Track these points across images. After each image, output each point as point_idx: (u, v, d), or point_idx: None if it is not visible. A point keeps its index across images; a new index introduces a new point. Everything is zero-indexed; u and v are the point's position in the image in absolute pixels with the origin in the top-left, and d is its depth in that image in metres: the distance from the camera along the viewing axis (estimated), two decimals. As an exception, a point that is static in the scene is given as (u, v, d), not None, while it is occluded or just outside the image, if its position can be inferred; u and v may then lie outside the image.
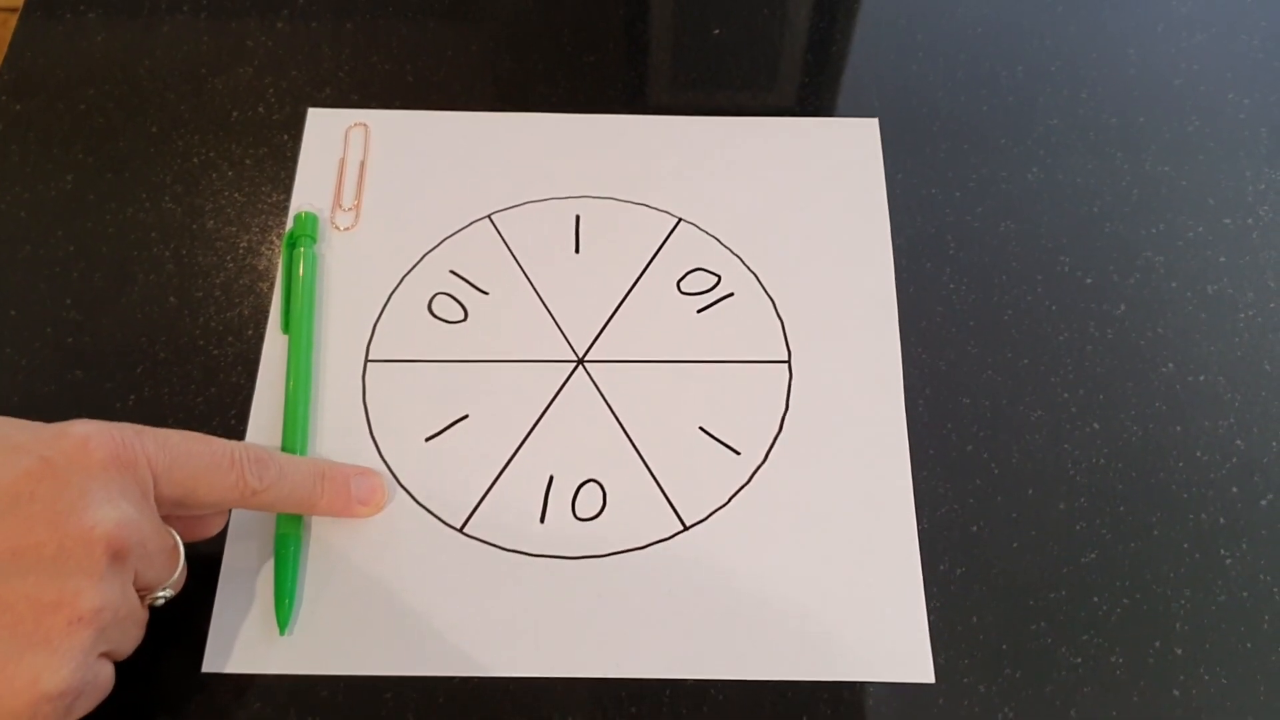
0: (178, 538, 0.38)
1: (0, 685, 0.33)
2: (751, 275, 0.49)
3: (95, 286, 0.49)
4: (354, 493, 0.43)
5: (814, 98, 0.55)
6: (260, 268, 0.50)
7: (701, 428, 0.46)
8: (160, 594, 0.38)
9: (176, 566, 0.38)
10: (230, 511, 0.43)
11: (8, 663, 0.33)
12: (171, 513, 0.38)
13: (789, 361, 0.47)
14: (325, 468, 0.43)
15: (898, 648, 0.41)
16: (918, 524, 0.44)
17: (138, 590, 0.37)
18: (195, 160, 0.52)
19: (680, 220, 0.51)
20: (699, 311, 0.48)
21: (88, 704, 0.35)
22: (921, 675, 0.41)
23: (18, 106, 0.54)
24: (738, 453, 0.45)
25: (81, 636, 0.34)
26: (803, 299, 0.49)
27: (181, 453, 0.37)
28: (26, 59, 0.55)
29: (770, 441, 0.45)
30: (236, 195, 0.52)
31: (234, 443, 0.40)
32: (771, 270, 0.49)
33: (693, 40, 0.57)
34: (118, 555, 0.34)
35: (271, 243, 0.50)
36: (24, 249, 0.50)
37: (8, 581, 0.33)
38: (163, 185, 0.52)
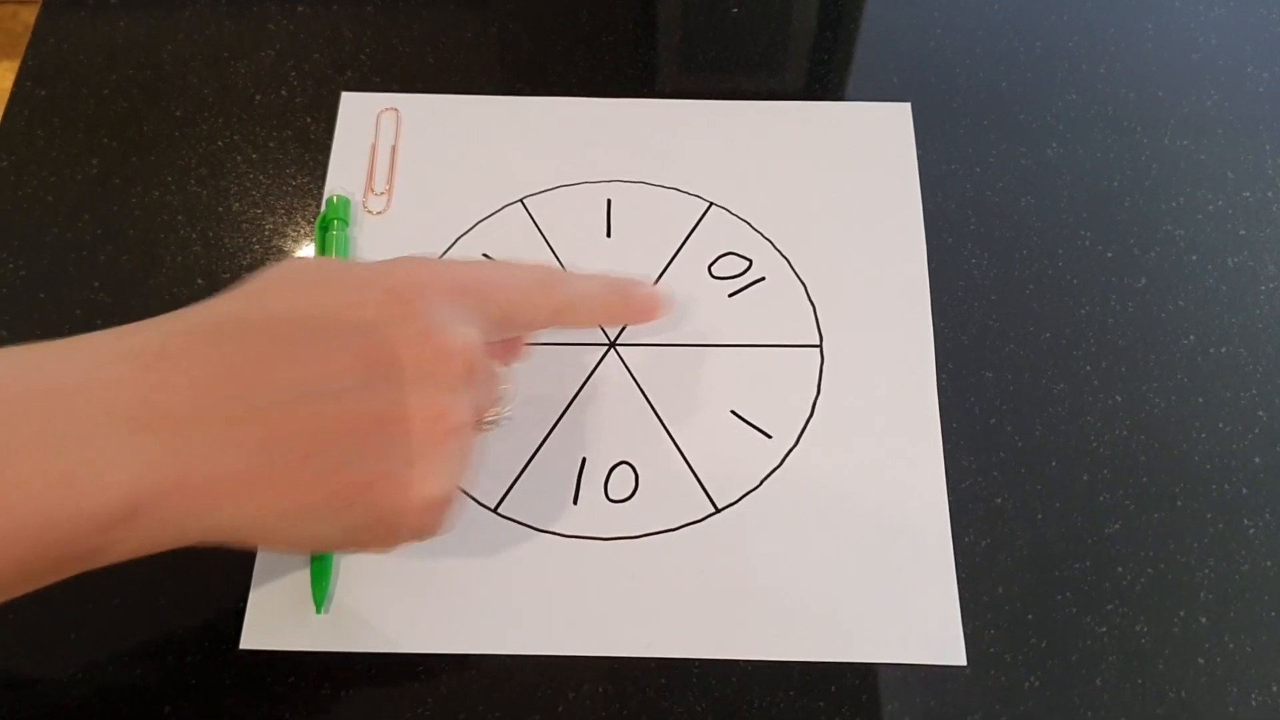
0: (499, 365, 0.40)
1: (392, 492, 0.34)
2: (783, 260, 0.50)
3: (123, 269, 0.49)
4: (637, 302, 0.43)
5: (832, 75, 0.55)
6: (286, 249, 0.50)
7: (733, 411, 0.46)
8: (491, 418, 0.39)
9: (501, 391, 0.39)
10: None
11: (398, 471, 0.34)
12: (487, 340, 0.38)
13: (820, 346, 0.47)
14: (609, 279, 0.43)
15: (929, 630, 0.42)
16: (943, 497, 0.44)
17: None
18: (220, 143, 0.53)
19: (712, 204, 0.51)
20: (730, 295, 0.49)
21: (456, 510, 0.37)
22: (953, 658, 0.41)
23: (42, 92, 0.54)
24: (769, 436, 0.45)
25: (458, 445, 0.35)
26: (835, 284, 0.49)
27: (503, 279, 0.39)
28: (50, 45, 0.56)
29: (802, 425, 0.46)
30: (261, 178, 0.52)
31: (538, 265, 0.41)
32: (803, 255, 0.50)
33: (710, 19, 0.57)
34: (471, 372, 0.35)
35: (298, 224, 0.51)
36: (51, 232, 0.50)
37: (385, 396, 0.34)
38: (188, 168, 0.52)
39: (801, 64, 0.56)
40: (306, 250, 0.50)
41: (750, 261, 0.50)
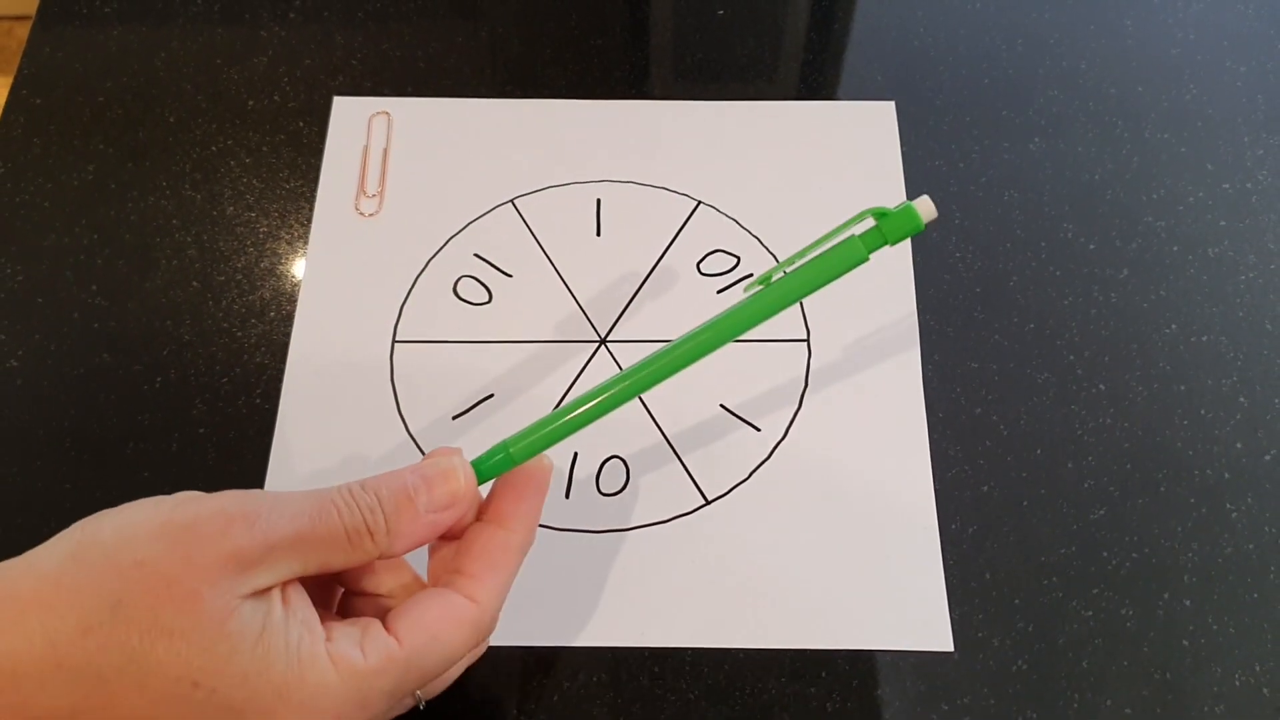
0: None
1: None
2: (771, 256, 0.50)
3: (120, 273, 0.50)
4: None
5: (817, 75, 0.56)
6: (280, 251, 0.51)
7: (722, 405, 0.47)
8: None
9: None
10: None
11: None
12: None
13: (808, 340, 0.48)
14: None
15: (917, 616, 0.42)
16: (931, 486, 0.45)
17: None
18: (213, 148, 0.53)
19: (700, 203, 0.52)
20: (719, 292, 0.49)
21: None
22: (940, 644, 0.42)
23: (38, 100, 0.55)
24: (758, 429, 0.46)
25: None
26: None
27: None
28: (45, 54, 0.56)
29: (790, 418, 0.46)
30: (255, 182, 0.53)
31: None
32: (790, 251, 0.50)
33: (698, 21, 0.58)
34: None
35: (291, 227, 0.51)
36: (49, 238, 0.51)
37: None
38: (182, 173, 0.53)
39: (787, 64, 0.57)
40: (299, 259, 0.50)
41: (738, 258, 0.50)
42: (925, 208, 0.35)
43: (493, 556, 0.35)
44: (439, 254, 0.50)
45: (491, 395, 0.47)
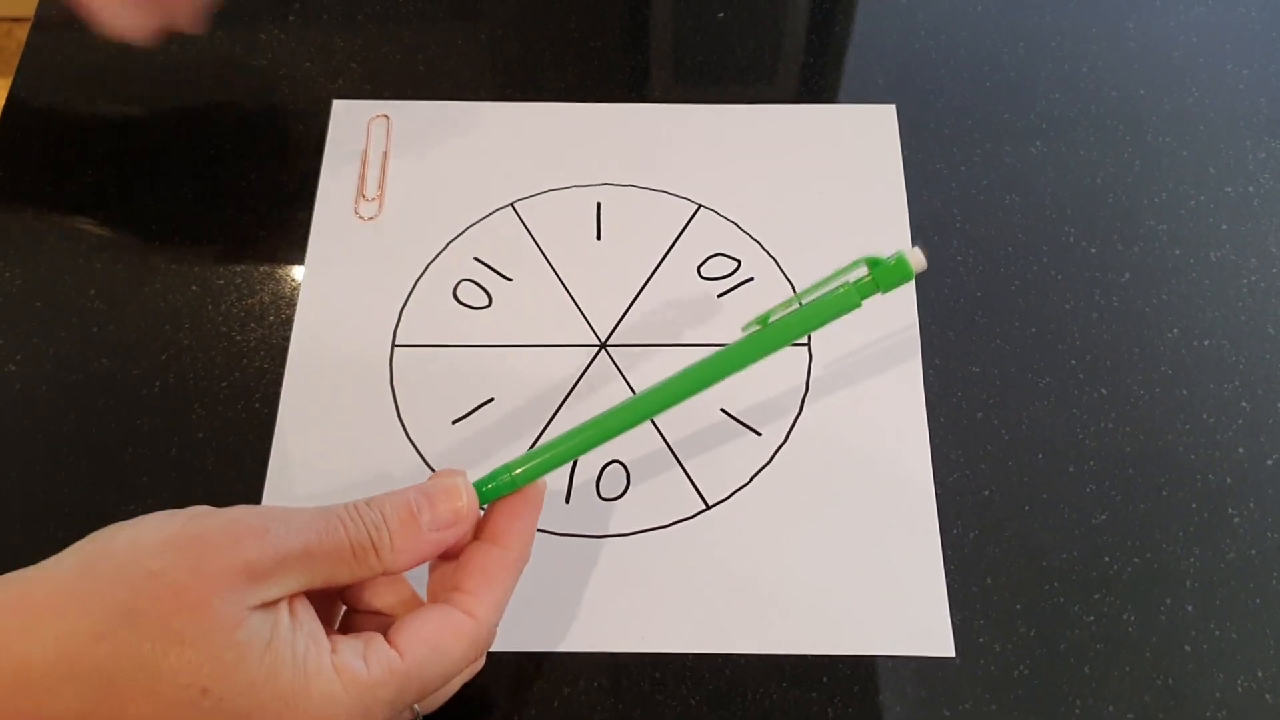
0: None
1: None
2: (771, 260, 0.50)
3: (118, 277, 0.50)
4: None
5: (818, 78, 0.56)
6: (279, 255, 0.50)
7: (723, 409, 0.47)
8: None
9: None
10: None
11: None
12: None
13: (808, 344, 0.48)
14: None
15: (919, 621, 0.42)
16: (932, 490, 0.45)
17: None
18: (212, 151, 0.53)
19: (700, 206, 0.52)
20: (719, 296, 0.49)
21: None
22: (941, 649, 0.42)
23: (37, 103, 0.55)
24: (759, 434, 0.46)
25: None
26: None
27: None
28: (44, 57, 0.56)
29: (791, 422, 0.46)
30: (254, 185, 0.52)
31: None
32: (791, 255, 0.50)
33: (698, 23, 0.58)
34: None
35: (290, 230, 0.51)
36: (48, 242, 0.51)
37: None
38: (181, 177, 0.53)
39: (788, 67, 0.57)
40: (298, 263, 0.50)
41: (739, 262, 0.50)
42: (917, 259, 0.37)
43: (490, 573, 0.36)
44: (439, 258, 0.50)
45: (491, 399, 0.47)
